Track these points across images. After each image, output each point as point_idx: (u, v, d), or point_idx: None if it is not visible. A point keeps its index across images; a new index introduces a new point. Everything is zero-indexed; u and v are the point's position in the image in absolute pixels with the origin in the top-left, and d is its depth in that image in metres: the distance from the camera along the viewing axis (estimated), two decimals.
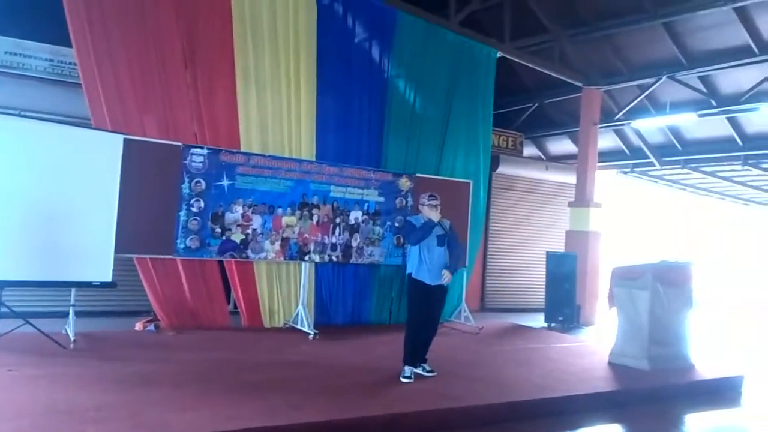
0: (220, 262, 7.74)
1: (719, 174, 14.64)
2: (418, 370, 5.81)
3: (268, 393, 4.84)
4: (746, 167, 12.93)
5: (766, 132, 11.57)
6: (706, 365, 7.12)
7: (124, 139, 6.64)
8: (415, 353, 5.78)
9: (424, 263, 5.72)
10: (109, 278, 6.46)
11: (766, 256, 19.64)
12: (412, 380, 5.54)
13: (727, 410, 6.04)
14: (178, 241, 7.03)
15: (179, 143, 7.12)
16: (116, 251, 6.52)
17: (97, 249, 6.40)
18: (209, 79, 7.64)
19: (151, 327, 7.34)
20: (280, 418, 4.21)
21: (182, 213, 7.07)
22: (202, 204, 7.18)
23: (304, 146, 8.29)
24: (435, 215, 5.80)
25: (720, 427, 5.41)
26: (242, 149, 7.68)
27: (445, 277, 5.74)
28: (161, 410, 4.22)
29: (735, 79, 10.51)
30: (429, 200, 5.88)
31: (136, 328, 7.37)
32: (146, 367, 5.48)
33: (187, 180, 7.10)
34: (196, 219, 7.14)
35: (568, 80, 11.94)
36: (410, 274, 5.82)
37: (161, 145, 7.03)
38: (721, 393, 6.46)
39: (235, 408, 4.38)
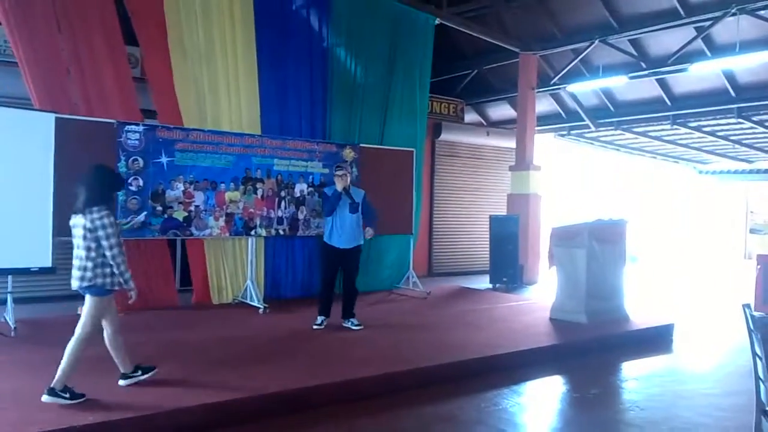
0: (168, 240, 7.61)
1: (650, 134, 15.24)
2: (347, 324, 6.58)
3: (219, 368, 4.88)
4: (675, 126, 13.50)
5: (692, 92, 12.09)
6: (639, 316, 7.55)
7: (56, 118, 6.39)
8: (326, 305, 6.58)
9: (336, 229, 6.48)
10: (48, 263, 6.28)
11: (693, 210, 20.70)
12: (322, 327, 6.44)
13: (660, 356, 6.45)
14: (118, 221, 6.84)
15: (113, 121, 6.90)
16: (54, 235, 6.32)
17: (34, 233, 6.18)
18: (144, 55, 7.42)
19: None
20: (234, 392, 4.27)
21: (120, 192, 6.88)
22: (141, 182, 7.01)
23: (248, 120, 8.16)
24: (342, 185, 6.47)
25: (653, 371, 5.78)
26: (183, 125, 7.51)
27: (369, 232, 6.67)
28: (113, 393, 4.20)
29: (663, 41, 10.89)
30: (336, 171, 6.61)
31: (79, 312, 7.17)
32: (93, 350, 5.35)
33: (123, 158, 6.90)
34: (135, 198, 6.97)
35: (505, 46, 12.10)
36: (324, 240, 6.60)
37: (94, 123, 6.79)
38: (654, 341, 6.89)
39: (188, 385, 4.40)
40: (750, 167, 18.76)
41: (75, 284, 4.14)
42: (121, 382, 4.38)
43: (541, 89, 12.68)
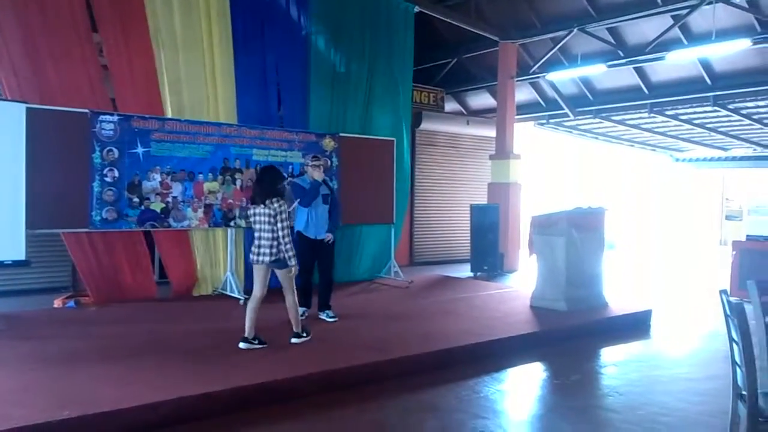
0: (146, 232, 7.51)
1: (628, 122, 15.35)
2: (323, 316, 6.51)
3: (199, 361, 4.83)
4: (652, 114, 13.61)
5: (669, 80, 12.19)
6: (618, 303, 7.63)
7: (27, 108, 6.23)
8: (306, 297, 6.46)
9: (311, 220, 6.45)
10: (22, 256, 6.15)
11: (669, 198, 20.96)
12: (303, 318, 6.02)
13: (638, 342, 6.53)
14: (93, 213, 6.74)
15: (86, 110, 6.75)
16: (27, 227, 6.19)
17: (6, 226, 6.06)
18: (120, 43, 7.25)
19: (71, 303, 7.09)
20: (214, 384, 4.21)
21: (95, 183, 6.75)
22: (116, 173, 6.89)
23: (225, 109, 8.05)
24: (319, 175, 6.42)
25: (631, 357, 5.85)
26: (158, 114, 7.38)
27: (329, 237, 6.48)
28: (90, 387, 4.13)
29: (640, 29, 10.95)
30: (312, 161, 6.50)
31: (55, 305, 7.10)
32: (70, 344, 5.31)
33: (98, 149, 6.77)
34: (111, 189, 6.85)
35: (485, 35, 12.10)
36: (299, 231, 6.49)
37: (67, 113, 6.63)
38: (632, 327, 6.98)
39: (166, 379, 4.34)
40: (726, 155, 19.00)
41: (266, 260, 5.22)
42: (241, 345, 5.20)
43: (520, 78, 12.70)
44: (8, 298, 7.42)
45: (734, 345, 3.28)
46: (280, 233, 5.19)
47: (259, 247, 5.26)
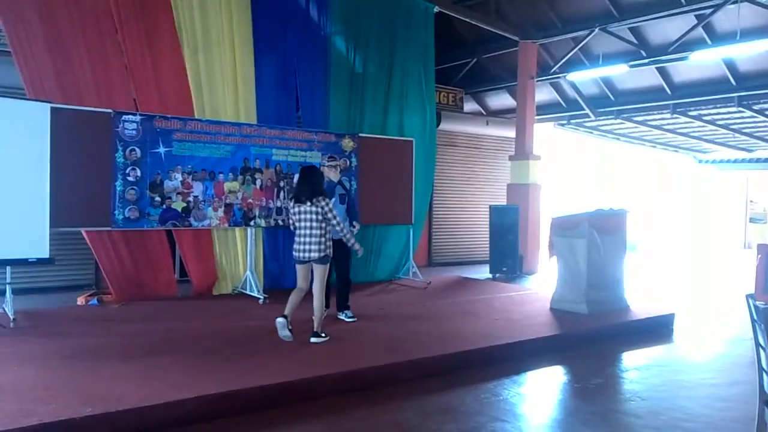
0: (167, 231, 7.58)
1: (650, 123, 15.18)
2: (341, 316, 6.51)
3: (220, 360, 4.86)
4: (675, 115, 13.45)
5: (693, 80, 12.03)
6: (640, 306, 7.54)
7: (51, 108, 6.32)
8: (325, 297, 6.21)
9: None
10: (46, 254, 6.24)
11: (692, 199, 20.67)
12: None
13: (660, 346, 6.43)
14: (116, 212, 6.83)
15: (110, 110, 6.83)
16: (51, 225, 6.28)
17: (31, 224, 6.15)
18: (143, 42, 7.33)
19: (94, 301, 7.18)
20: (234, 382, 4.24)
21: (118, 183, 6.84)
22: (138, 173, 6.97)
23: (245, 109, 8.10)
24: (335, 175, 6.43)
25: (653, 361, 5.77)
26: (183, 114, 7.45)
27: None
28: (113, 384, 4.17)
29: (663, 29, 10.82)
30: (329, 161, 6.58)
31: (78, 303, 7.20)
32: (93, 341, 5.38)
33: (120, 148, 6.85)
34: (133, 188, 6.93)
35: (504, 34, 12.03)
36: None
37: (91, 113, 6.72)
38: (654, 331, 6.88)
39: (189, 377, 4.37)
40: (750, 156, 18.71)
41: (315, 256, 5.43)
42: (313, 340, 5.45)
43: (540, 78, 12.60)
44: (32, 295, 7.54)
45: (761, 350, 3.22)
46: (338, 227, 5.53)
47: (306, 244, 5.42)
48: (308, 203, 5.42)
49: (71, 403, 3.78)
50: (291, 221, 5.64)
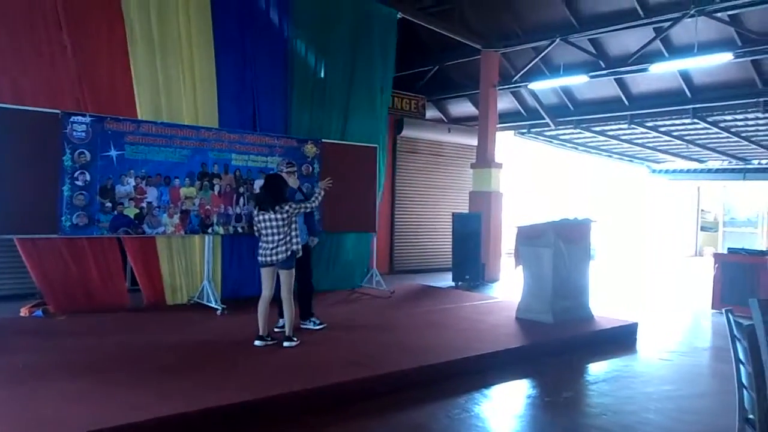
0: (117, 238, 7.18)
1: (608, 133, 15.44)
2: (308, 325, 6.35)
3: (176, 377, 4.57)
4: (632, 126, 13.69)
5: (650, 92, 12.25)
6: (603, 315, 7.53)
7: None
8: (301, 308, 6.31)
9: None
10: None
11: (645, 208, 21.15)
12: (284, 329, 5.75)
13: (626, 356, 6.40)
14: (63, 218, 6.42)
15: (57, 111, 6.43)
16: None
17: None
18: (91, 41, 6.94)
19: (38, 312, 6.74)
20: (192, 402, 3.96)
21: (65, 187, 6.44)
22: (87, 177, 6.58)
23: (205, 113, 7.78)
24: (293, 182, 6.26)
25: (621, 372, 5.72)
26: (135, 116, 7.10)
27: (314, 241, 6.60)
28: (58, 404, 3.86)
29: (622, 41, 10.97)
30: (287, 167, 6.37)
31: (21, 314, 6.75)
32: (37, 356, 5.00)
33: (68, 151, 6.46)
34: (82, 194, 6.54)
35: (467, 42, 12.01)
36: None
37: (37, 114, 6.31)
38: (618, 340, 6.87)
39: (141, 396, 4.07)
40: (701, 167, 19.27)
41: (281, 257, 5.49)
42: (256, 343, 5.56)
43: (502, 87, 12.64)
44: None
45: (741, 366, 3.16)
46: (293, 232, 5.58)
47: (272, 249, 5.49)
48: (271, 211, 5.48)
49: (13, 423, 3.46)
50: (255, 228, 5.65)
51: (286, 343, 5.55)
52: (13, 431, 3.41)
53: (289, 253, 5.52)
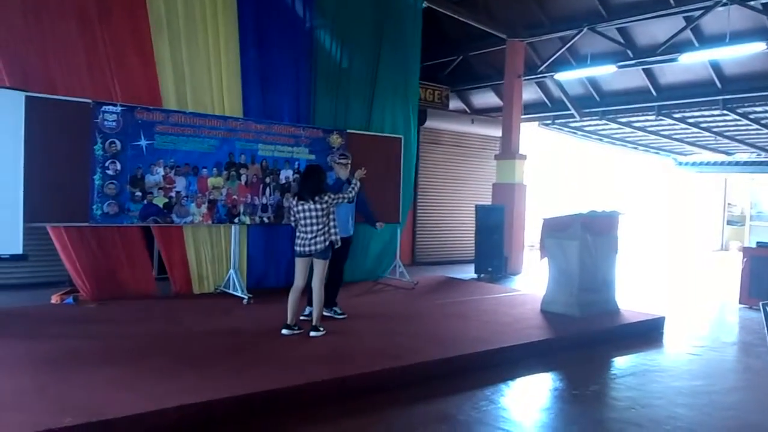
0: (146, 227, 7.28)
1: (634, 124, 15.21)
2: (329, 313, 6.41)
3: (201, 365, 4.63)
4: (659, 117, 13.47)
5: (678, 83, 12.03)
6: (629, 308, 7.47)
7: (26, 97, 6.00)
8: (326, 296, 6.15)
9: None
10: (19, 250, 5.92)
11: (671, 201, 20.85)
12: (310, 318, 5.90)
13: (653, 350, 6.35)
14: (95, 207, 6.53)
15: (89, 100, 6.53)
16: (26, 221, 5.97)
17: (4, 219, 5.82)
18: (122, 31, 7.00)
19: (70, 299, 6.87)
20: (220, 390, 4.02)
21: (97, 177, 6.54)
22: (118, 166, 6.67)
23: (230, 102, 7.82)
24: (344, 173, 6.41)
25: (649, 366, 5.66)
26: (162, 106, 7.16)
27: (380, 225, 7.12)
28: (90, 390, 3.93)
29: (651, 30, 10.78)
30: (340, 159, 6.54)
31: (53, 302, 6.88)
32: (68, 343, 5.11)
33: (99, 141, 6.55)
34: (113, 183, 6.63)
35: (492, 32, 11.91)
36: None
37: (68, 103, 6.41)
38: (645, 334, 6.82)
39: (171, 383, 4.14)
40: (729, 159, 18.91)
41: (320, 248, 5.56)
42: (284, 331, 5.62)
43: (527, 77, 12.51)
44: (4, 292, 7.20)
45: None
46: (331, 222, 5.65)
47: (310, 239, 5.54)
48: (311, 202, 5.53)
49: (45, 410, 3.54)
50: (293, 218, 5.74)
51: (312, 333, 5.60)
52: (45, 412, 3.49)
53: (327, 243, 5.58)
